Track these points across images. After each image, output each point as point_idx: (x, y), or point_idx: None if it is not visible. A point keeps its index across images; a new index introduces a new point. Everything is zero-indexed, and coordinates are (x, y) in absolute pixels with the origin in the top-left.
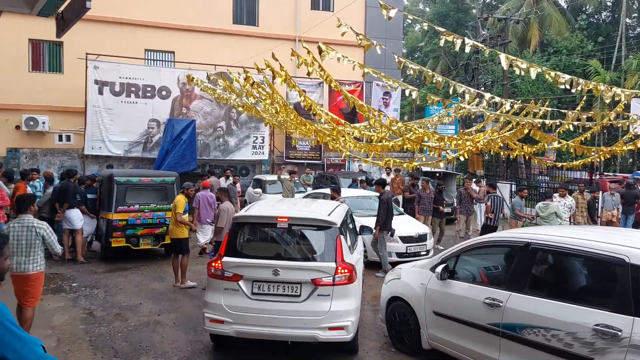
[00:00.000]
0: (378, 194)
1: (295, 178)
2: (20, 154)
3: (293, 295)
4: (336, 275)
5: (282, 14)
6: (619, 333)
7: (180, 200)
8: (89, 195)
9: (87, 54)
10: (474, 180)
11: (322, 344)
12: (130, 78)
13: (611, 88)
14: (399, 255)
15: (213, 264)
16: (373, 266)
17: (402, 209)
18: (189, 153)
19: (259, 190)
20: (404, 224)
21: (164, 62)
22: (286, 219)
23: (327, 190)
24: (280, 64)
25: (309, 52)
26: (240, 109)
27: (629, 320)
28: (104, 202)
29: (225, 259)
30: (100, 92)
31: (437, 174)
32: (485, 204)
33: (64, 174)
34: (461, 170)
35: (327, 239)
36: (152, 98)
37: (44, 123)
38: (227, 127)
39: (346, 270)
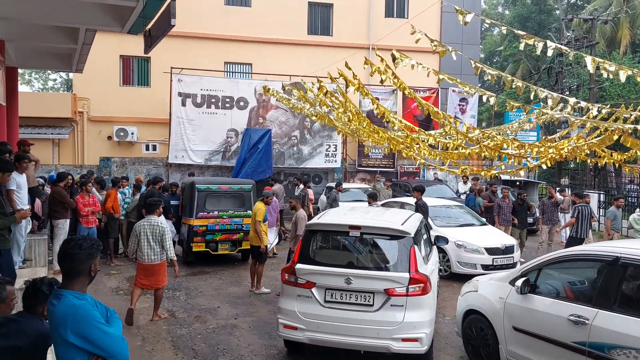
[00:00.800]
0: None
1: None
2: (111, 163)
3: (366, 305)
4: (410, 286)
5: (356, 23)
6: None
7: (260, 208)
8: (172, 202)
9: (171, 68)
10: (557, 189)
11: (396, 355)
12: (210, 90)
13: None
14: (485, 267)
15: (287, 271)
16: (455, 278)
17: (484, 219)
18: (265, 161)
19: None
20: (489, 235)
21: (242, 74)
22: (358, 228)
23: (406, 199)
24: (353, 73)
25: (382, 59)
26: (313, 118)
27: None
28: (185, 209)
29: (299, 265)
30: (183, 104)
31: (518, 183)
32: (570, 218)
33: (150, 182)
34: (543, 178)
35: (401, 249)
36: (231, 109)
37: (132, 134)
38: (301, 135)
39: (420, 281)
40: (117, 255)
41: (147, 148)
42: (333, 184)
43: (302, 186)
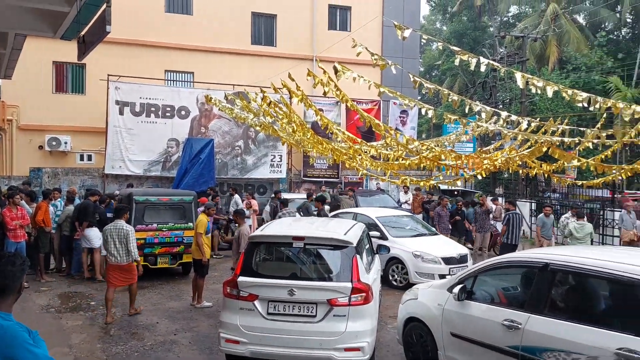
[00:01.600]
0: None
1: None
2: (42, 174)
3: (309, 316)
4: (352, 296)
5: (300, 34)
6: None
7: (202, 219)
8: (108, 214)
9: (108, 75)
10: (490, 198)
11: None
12: (150, 98)
13: (630, 105)
14: (442, 277)
15: (229, 284)
16: (404, 287)
17: (434, 228)
18: (207, 172)
19: (289, 209)
20: (444, 244)
21: (183, 82)
22: (302, 239)
23: (361, 210)
24: (296, 84)
25: (324, 72)
26: (257, 128)
27: None
28: None
29: (241, 278)
30: (121, 113)
31: (456, 192)
32: (502, 226)
33: (87, 193)
34: (479, 188)
35: (343, 259)
36: (172, 118)
37: (66, 143)
38: (245, 146)
39: (362, 291)
40: (47, 272)
41: (82, 158)
42: (288, 195)
43: (236, 196)
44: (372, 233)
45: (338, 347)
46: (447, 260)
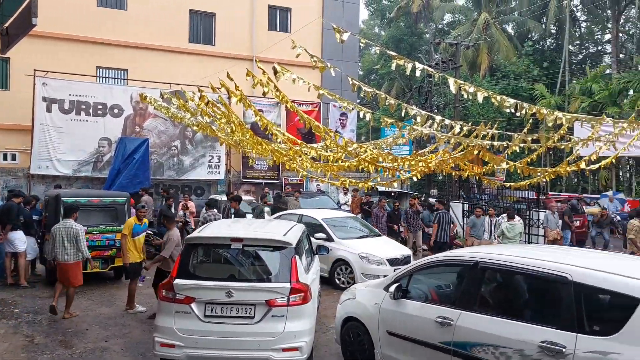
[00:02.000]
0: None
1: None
2: None
3: (247, 317)
4: (291, 296)
5: (239, 34)
6: (564, 350)
7: (129, 222)
8: (34, 217)
9: (35, 70)
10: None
11: None
12: (80, 96)
13: (553, 112)
14: None
15: (164, 287)
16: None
17: (377, 230)
18: (141, 173)
19: (214, 210)
20: (388, 246)
21: (116, 79)
22: (240, 240)
23: (306, 212)
24: (235, 84)
25: (264, 72)
26: (195, 127)
27: (573, 336)
28: (49, 224)
29: (177, 281)
30: (49, 110)
31: (393, 194)
32: (433, 225)
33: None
34: (415, 189)
35: (282, 260)
36: (104, 116)
37: None
38: (181, 146)
39: (301, 291)
40: None
41: (5, 157)
42: (218, 197)
43: (145, 197)
44: (318, 235)
45: (276, 348)
46: (392, 262)
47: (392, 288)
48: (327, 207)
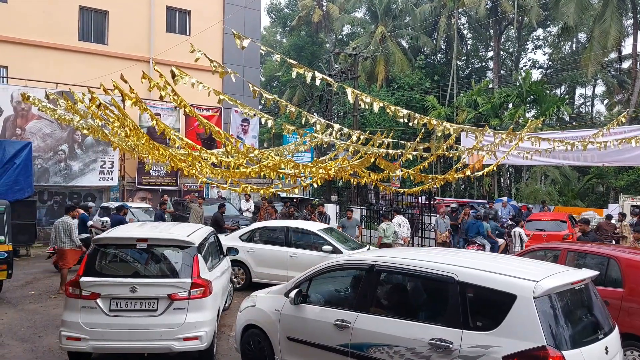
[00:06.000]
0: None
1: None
2: None
3: (150, 310)
4: (192, 290)
5: (135, 34)
6: (451, 346)
7: None
8: None
9: None
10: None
11: (180, 354)
12: None
13: (442, 123)
14: None
15: (71, 284)
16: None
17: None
18: (23, 179)
19: (106, 219)
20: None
21: None
22: (145, 240)
23: (296, 224)
24: (130, 86)
25: (161, 75)
26: (85, 131)
27: (459, 333)
28: None
29: (83, 278)
30: None
31: (295, 200)
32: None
33: None
34: (317, 195)
35: (185, 258)
36: None
37: None
38: (70, 150)
39: (201, 285)
40: None
41: None
42: (111, 204)
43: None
44: (325, 247)
45: (177, 337)
46: None
47: (292, 293)
48: (228, 215)
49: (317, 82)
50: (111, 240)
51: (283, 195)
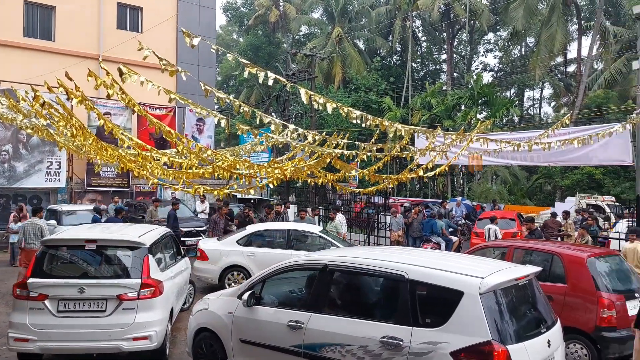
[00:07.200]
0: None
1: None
2: None
3: (99, 311)
4: (141, 290)
5: (84, 31)
6: (401, 343)
7: None
8: None
9: None
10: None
11: (133, 354)
12: None
13: (393, 124)
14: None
15: (19, 286)
16: None
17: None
18: None
19: (53, 222)
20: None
21: None
22: (95, 242)
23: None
24: (75, 84)
25: (108, 73)
26: (29, 131)
27: (409, 330)
28: None
29: (31, 280)
30: None
31: (252, 201)
32: None
33: None
34: (275, 196)
35: (135, 258)
36: None
37: None
38: (14, 150)
39: (151, 286)
40: None
41: None
42: (58, 207)
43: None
44: (332, 249)
45: (126, 337)
46: None
47: (246, 295)
48: (183, 216)
49: (270, 82)
50: (60, 241)
51: (239, 196)
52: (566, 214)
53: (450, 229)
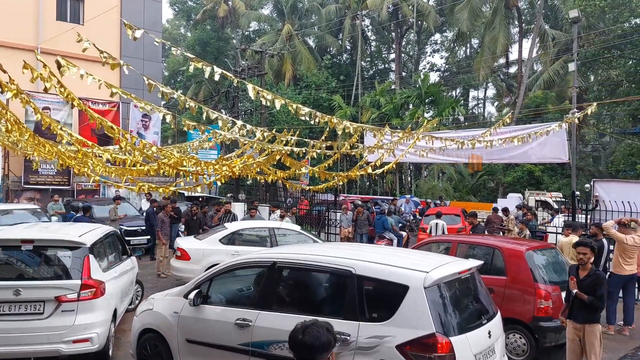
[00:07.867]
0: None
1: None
2: None
3: (36, 313)
4: (82, 292)
5: (20, 21)
6: (348, 338)
7: None
8: None
9: None
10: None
11: (71, 357)
12: None
13: (342, 122)
14: None
15: None
16: None
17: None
18: None
19: None
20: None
21: None
22: (31, 242)
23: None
24: (9, 76)
25: (44, 65)
26: None
27: (356, 325)
28: None
29: None
30: None
31: (201, 199)
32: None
33: None
34: (224, 194)
35: (75, 258)
36: None
37: None
38: None
39: (92, 286)
40: None
41: None
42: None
43: None
44: None
45: (66, 340)
46: None
47: (192, 295)
48: (128, 214)
49: (217, 78)
50: None
51: (187, 194)
52: (505, 211)
53: (400, 224)
